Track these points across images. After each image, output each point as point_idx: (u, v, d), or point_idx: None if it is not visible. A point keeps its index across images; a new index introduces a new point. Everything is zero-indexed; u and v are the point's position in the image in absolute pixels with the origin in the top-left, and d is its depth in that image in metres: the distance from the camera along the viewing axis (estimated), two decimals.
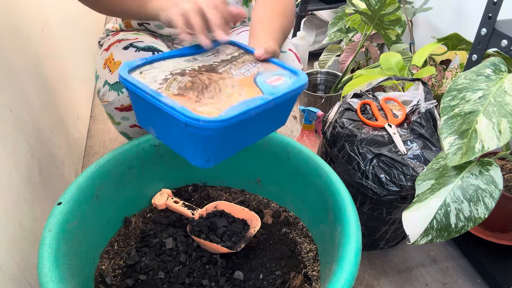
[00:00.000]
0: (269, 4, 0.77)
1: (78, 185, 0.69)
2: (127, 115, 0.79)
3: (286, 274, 0.72)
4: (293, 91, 0.56)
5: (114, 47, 0.78)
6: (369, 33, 1.38)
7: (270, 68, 0.62)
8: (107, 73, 0.76)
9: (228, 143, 0.55)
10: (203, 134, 0.49)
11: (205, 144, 0.52)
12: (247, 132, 0.57)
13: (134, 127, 0.84)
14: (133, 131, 0.85)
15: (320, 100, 1.41)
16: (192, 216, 0.81)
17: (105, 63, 0.78)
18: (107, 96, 0.77)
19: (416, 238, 0.64)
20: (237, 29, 0.93)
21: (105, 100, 0.78)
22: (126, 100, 0.76)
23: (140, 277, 0.70)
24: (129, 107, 0.78)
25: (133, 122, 0.82)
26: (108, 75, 0.76)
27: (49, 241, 0.59)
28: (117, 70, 0.75)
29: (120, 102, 0.76)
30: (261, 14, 0.76)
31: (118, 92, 0.75)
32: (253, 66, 0.61)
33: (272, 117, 0.60)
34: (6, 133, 0.74)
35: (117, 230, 0.80)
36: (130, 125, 0.83)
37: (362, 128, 0.85)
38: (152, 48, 0.77)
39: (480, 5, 1.21)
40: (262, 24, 0.73)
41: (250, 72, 0.60)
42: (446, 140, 0.66)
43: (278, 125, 0.64)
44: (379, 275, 0.94)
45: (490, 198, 0.61)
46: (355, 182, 0.81)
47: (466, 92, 0.67)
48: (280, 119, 0.63)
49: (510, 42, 0.76)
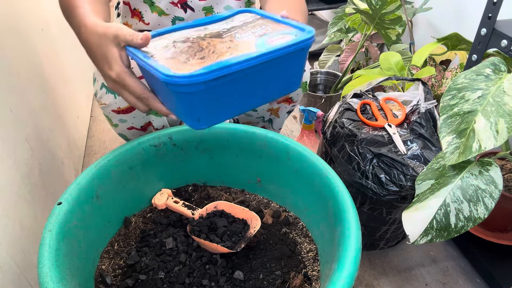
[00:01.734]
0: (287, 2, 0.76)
1: (78, 185, 0.69)
2: (124, 117, 0.79)
3: (286, 274, 0.72)
4: (291, 47, 0.51)
5: None
6: (369, 33, 1.38)
7: (279, 29, 0.57)
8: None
9: (217, 103, 0.53)
10: (184, 92, 0.48)
11: (190, 103, 0.50)
12: (241, 92, 0.54)
13: (132, 129, 0.83)
14: (131, 133, 0.85)
15: (320, 100, 1.41)
16: (192, 216, 0.81)
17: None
18: (104, 99, 0.77)
19: (416, 238, 0.64)
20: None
21: (102, 103, 0.78)
22: (122, 103, 0.76)
23: (140, 277, 0.70)
24: (126, 110, 0.77)
25: (131, 125, 0.81)
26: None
27: (49, 241, 0.59)
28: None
29: (117, 105, 0.76)
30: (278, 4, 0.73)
31: (115, 94, 0.75)
32: (261, 29, 0.58)
33: (273, 77, 0.55)
34: (6, 133, 0.74)
35: (117, 230, 0.80)
36: (128, 127, 0.82)
37: (362, 128, 0.85)
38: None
39: (480, 5, 1.21)
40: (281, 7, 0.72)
41: (255, 34, 0.56)
42: (445, 139, 0.66)
43: (289, 88, 0.59)
44: (379, 275, 0.94)
45: (490, 198, 0.61)
46: (355, 182, 0.81)
47: (466, 91, 0.67)
48: (287, 81, 0.58)
49: (510, 42, 0.76)
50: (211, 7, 0.88)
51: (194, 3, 0.86)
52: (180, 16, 0.88)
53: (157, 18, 0.87)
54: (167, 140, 0.83)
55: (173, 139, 0.83)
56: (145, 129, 0.84)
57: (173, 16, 0.88)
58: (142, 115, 0.78)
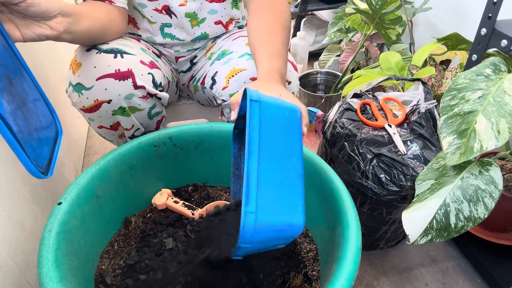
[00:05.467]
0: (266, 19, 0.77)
1: (78, 185, 0.69)
2: (91, 116, 0.78)
3: (286, 274, 0.72)
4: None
5: (79, 49, 0.78)
6: (369, 33, 1.38)
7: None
8: (71, 74, 0.76)
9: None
10: None
11: None
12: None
13: (102, 128, 0.83)
14: (102, 132, 0.85)
15: (320, 100, 1.41)
16: (192, 216, 0.81)
17: (70, 65, 0.77)
18: (72, 97, 0.77)
19: (416, 238, 0.64)
20: (233, 34, 0.92)
21: (72, 101, 0.78)
22: (86, 101, 0.75)
23: (140, 277, 0.70)
24: (91, 109, 0.76)
25: (99, 123, 0.81)
26: (71, 76, 0.76)
27: (49, 241, 0.59)
28: (78, 70, 0.74)
29: (81, 104, 0.76)
30: (259, 31, 0.76)
31: (79, 93, 0.75)
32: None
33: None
34: None
35: (117, 230, 0.80)
36: (97, 126, 0.82)
37: (362, 128, 0.85)
38: (115, 50, 0.75)
39: (480, 5, 1.21)
40: (263, 44, 0.73)
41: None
42: (445, 139, 0.66)
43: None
44: (379, 275, 0.94)
45: (490, 198, 0.61)
46: (355, 182, 0.81)
47: (466, 92, 0.67)
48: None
49: (510, 42, 0.76)
50: (195, 13, 0.87)
51: (175, 9, 0.86)
52: (167, 23, 0.87)
53: (148, 24, 0.88)
54: (167, 140, 0.83)
55: (173, 139, 0.83)
56: (115, 128, 0.83)
57: (160, 23, 0.88)
58: (108, 115, 0.78)
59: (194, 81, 0.95)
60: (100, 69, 0.73)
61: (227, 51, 0.86)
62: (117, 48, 0.76)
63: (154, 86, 0.79)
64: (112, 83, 0.73)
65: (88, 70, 0.73)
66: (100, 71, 0.73)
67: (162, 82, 0.83)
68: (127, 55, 0.76)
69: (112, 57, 0.74)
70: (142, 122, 0.84)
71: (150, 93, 0.79)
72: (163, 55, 0.95)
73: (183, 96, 1.07)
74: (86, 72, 0.73)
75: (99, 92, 0.74)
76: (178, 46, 0.93)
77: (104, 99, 0.75)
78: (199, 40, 0.93)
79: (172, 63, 0.97)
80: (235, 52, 0.84)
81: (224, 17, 0.91)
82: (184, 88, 1.02)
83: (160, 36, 0.89)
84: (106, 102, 0.75)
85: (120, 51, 0.76)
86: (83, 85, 0.74)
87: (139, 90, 0.76)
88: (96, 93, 0.74)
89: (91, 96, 0.74)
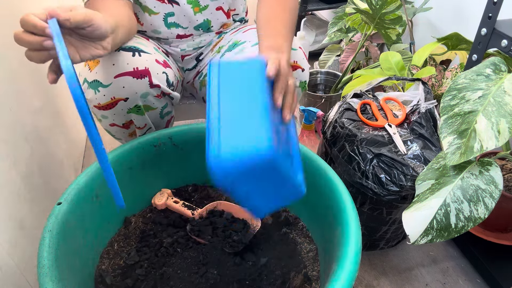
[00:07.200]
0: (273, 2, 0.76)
1: (78, 185, 0.69)
2: (105, 114, 0.78)
3: (286, 274, 0.72)
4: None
5: None
6: (369, 33, 1.38)
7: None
8: (86, 71, 0.76)
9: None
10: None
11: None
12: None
13: (114, 126, 0.83)
14: (113, 129, 0.85)
15: (320, 100, 1.41)
16: (192, 216, 0.81)
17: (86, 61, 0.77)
18: (86, 94, 0.77)
19: (416, 238, 0.64)
20: (242, 27, 0.92)
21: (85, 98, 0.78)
22: (103, 99, 0.75)
23: (140, 277, 0.70)
24: (106, 106, 0.76)
25: (112, 121, 0.81)
26: (87, 73, 0.76)
27: (49, 241, 0.59)
28: (96, 67, 0.74)
29: (97, 101, 0.75)
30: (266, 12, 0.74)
31: (95, 90, 0.74)
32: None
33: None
34: (6, 133, 0.74)
35: (117, 230, 0.80)
36: (110, 124, 0.82)
37: (362, 128, 0.85)
38: (133, 48, 0.75)
39: (480, 5, 1.21)
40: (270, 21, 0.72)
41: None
42: (446, 139, 0.66)
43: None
44: (379, 275, 0.94)
45: (490, 198, 0.61)
46: (355, 182, 0.81)
47: (466, 91, 0.67)
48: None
49: (510, 42, 0.76)
50: (197, 0, 0.87)
51: None
52: (170, 12, 0.87)
53: (149, 18, 0.87)
54: (167, 140, 0.83)
55: (173, 139, 0.83)
56: (127, 126, 0.83)
57: (164, 13, 0.87)
58: (123, 113, 0.78)
59: (200, 77, 0.95)
60: (118, 66, 0.73)
61: (239, 41, 0.86)
62: (134, 46, 0.76)
63: (167, 85, 0.80)
64: (130, 81, 0.73)
65: (106, 67, 0.73)
66: (119, 68, 0.73)
67: (174, 82, 0.83)
68: (144, 53, 0.76)
69: (131, 55, 0.74)
70: (154, 121, 0.84)
71: (164, 92, 0.79)
72: (170, 54, 0.95)
73: (185, 95, 1.07)
74: (104, 69, 0.73)
75: (116, 90, 0.74)
76: (184, 44, 0.93)
77: (121, 97, 0.75)
78: (201, 30, 0.93)
79: (178, 62, 0.98)
80: (248, 41, 0.83)
81: (225, 4, 0.91)
82: (189, 86, 1.02)
83: (165, 27, 0.89)
84: (122, 100, 0.75)
85: (138, 49, 0.76)
86: (101, 82, 0.73)
87: (154, 89, 0.76)
88: (114, 91, 0.74)
89: (108, 94, 0.74)
